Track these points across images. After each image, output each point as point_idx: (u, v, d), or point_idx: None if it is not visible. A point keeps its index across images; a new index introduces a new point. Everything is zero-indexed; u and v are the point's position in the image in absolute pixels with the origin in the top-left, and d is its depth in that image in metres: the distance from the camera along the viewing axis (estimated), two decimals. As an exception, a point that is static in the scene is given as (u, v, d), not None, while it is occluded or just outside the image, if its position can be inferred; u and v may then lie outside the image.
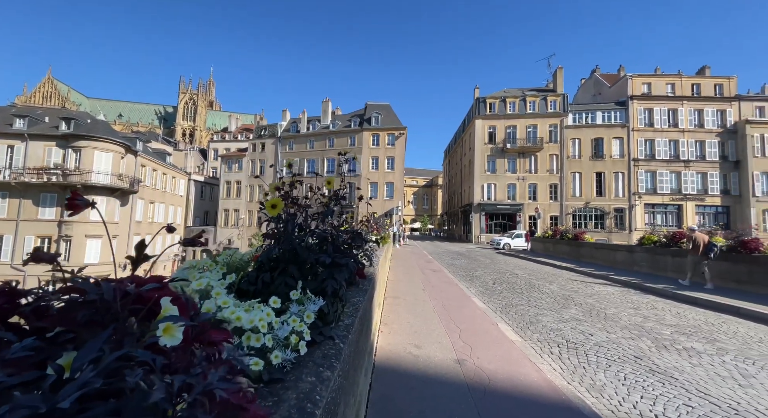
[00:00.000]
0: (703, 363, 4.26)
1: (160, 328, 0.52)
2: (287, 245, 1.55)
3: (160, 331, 0.52)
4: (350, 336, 1.78)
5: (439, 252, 22.37)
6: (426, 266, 13.70)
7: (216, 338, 0.90)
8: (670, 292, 8.75)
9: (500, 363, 3.92)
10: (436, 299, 7.43)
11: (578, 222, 36.28)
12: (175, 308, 0.58)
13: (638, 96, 36.61)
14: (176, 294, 0.69)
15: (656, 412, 3.08)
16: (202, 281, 1.37)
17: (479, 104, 39.43)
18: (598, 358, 4.39)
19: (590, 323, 5.98)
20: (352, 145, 42.49)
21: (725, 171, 35.22)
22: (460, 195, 46.15)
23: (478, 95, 40.58)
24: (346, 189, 2.03)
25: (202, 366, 0.54)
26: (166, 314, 0.55)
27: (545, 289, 9.39)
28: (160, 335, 0.52)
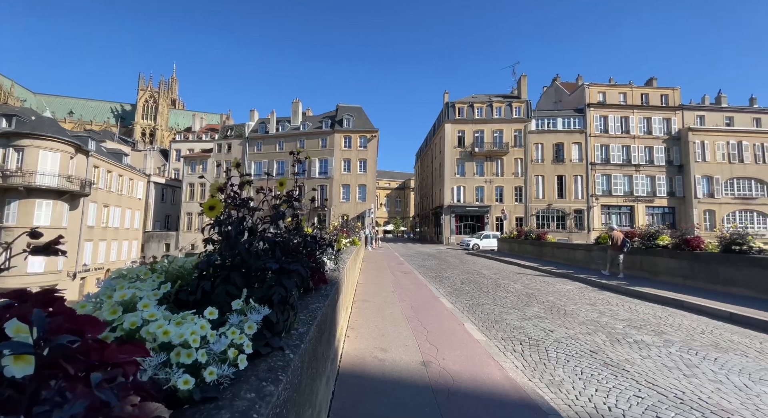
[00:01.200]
0: (652, 355, 4.53)
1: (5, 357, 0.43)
2: (230, 251, 1.45)
3: (7, 360, 0.43)
4: (303, 345, 1.69)
5: (410, 254, 22.54)
6: (397, 268, 13.73)
7: (122, 358, 0.80)
8: (623, 288, 9.32)
9: (465, 364, 3.96)
10: (405, 301, 7.43)
11: (541, 223, 37.98)
12: (26, 331, 0.48)
13: (594, 104, 39.05)
14: (57, 311, 0.59)
15: (609, 404, 3.22)
16: (126, 292, 1.23)
17: (448, 109, 40.36)
18: (557, 354, 4.55)
19: (551, 320, 6.21)
20: (324, 146, 42.02)
21: (671, 175, 38.33)
22: (432, 197, 46.90)
23: (448, 100, 41.53)
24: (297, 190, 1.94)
25: (53, 401, 0.44)
26: (15, 338, 0.46)
27: (510, 288, 9.68)
28: (7, 364, 0.42)
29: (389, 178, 77.53)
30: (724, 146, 37.75)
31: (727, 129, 38.25)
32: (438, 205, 41.61)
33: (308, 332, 1.87)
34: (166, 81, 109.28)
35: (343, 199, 41.14)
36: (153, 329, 1.10)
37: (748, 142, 37.98)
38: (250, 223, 1.67)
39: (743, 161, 37.62)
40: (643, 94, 39.82)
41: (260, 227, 1.73)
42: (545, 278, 12.12)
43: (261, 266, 1.51)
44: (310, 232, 2.93)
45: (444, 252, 24.77)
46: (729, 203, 37.14)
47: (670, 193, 38.17)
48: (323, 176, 41.56)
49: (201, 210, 1.65)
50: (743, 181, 37.62)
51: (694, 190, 37.01)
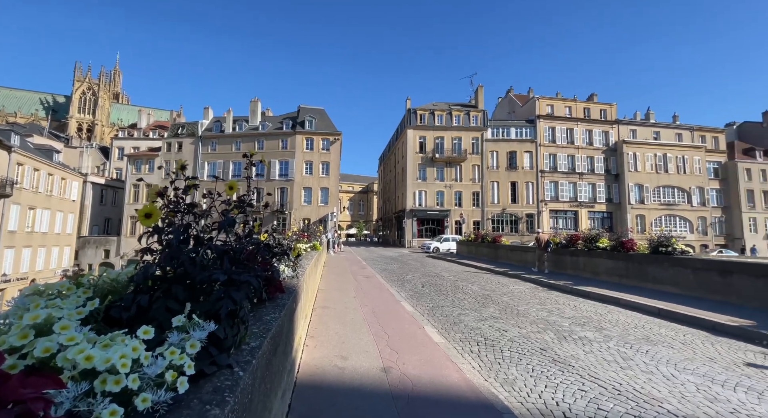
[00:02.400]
0: (594, 350, 4.89)
1: None
2: (171, 262, 1.32)
3: None
4: (255, 361, 1.59)
5: (373, 257, 22.53)
6: (359, 272, 13.64)
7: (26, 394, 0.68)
8: (568, 287, 10.02)
9: (425, 367, 3.99)
10: (366, 305, 7.38)
11: (496, 226, 39.90)
12: None
13: (544, 116, 41.98)
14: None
15: (557, 399, 3.41)
16: (40, 313, 1.07)
17: (411, 115, 41.18)
18: (511, 353, 4.76)
19: (505, 320, 6.50)
20: (284, 148, 40.88)
21: (609, 182, 42.18)
22: (394, 201, 47.39)
23: (410, 106, 42.37)
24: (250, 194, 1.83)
25: None
26: None
27: (468, 289, 10.01)
28: None
29: (353, 182, 77.22)
30: (652, 158, 42.36)
31: (655, 142, 42.97)
32: (400, 209, 42.13)
33: (261, 346, 1.77)
34: (107, 72, 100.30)
35: (304, 202, 40.22)
36: (72, 355, 0.96)
37: (671, 154, 42.94)
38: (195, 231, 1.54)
39: (668, 171, 42.43)
40: (586, 108, 43.53)
41: (208, 234, 1.61)
42: (500, 278, 12.70)
43: (207, 278, 1.40)
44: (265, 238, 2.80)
45: (406, 255, 25.08)
46: (656, 209, 41.64)
47: (608, 200, 41.95)
48: (284, 179, 40.35)
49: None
50: (668, 189, 42.41)
51: (628, 197, 41.04)
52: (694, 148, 43.77)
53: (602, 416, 3.10)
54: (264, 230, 2.41)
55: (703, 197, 42.82)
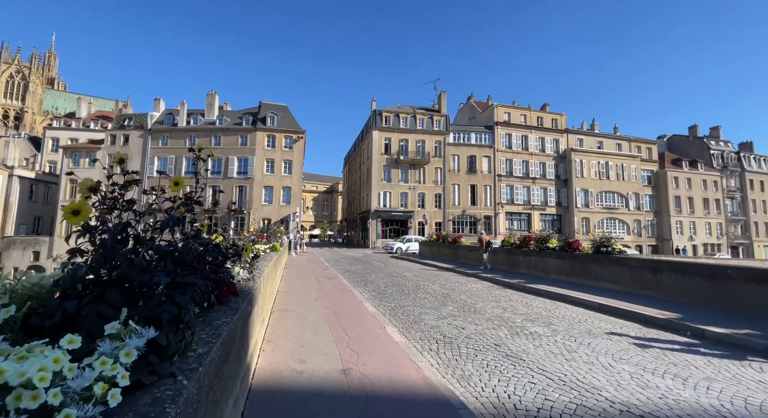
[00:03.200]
0: (542, 344, 5.21)
1: None
2: (103, 264, 1.21)
3: None
4: (202, 368, 1.50)
5: (336, 258, 22.28)
6: (322, 274, 13.42)
7: None
8: (521, 285, 10.60)
9: (384, 367, 4.01)
10: (328, 307, 7.28)
11: (457, 227, 41.25)
12: None
13: (501, 123, 44.16)
14: None
15: (509, 392, 3.58)
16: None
17: (376, 116, 41.36)
18: (467, 349, 4.93)
19: (463, 318, 6.72)
20: (244, 144, 39.20)
21: (558, 187, 45.27)
22: (359, 202, 47.27)
23: (375, 107, 42.56)
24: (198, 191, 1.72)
25: None
26: None
27: (429, 289, 10.23)
28: None
29: (317, 182, 75.89)
30: (596, 165, 46.14)
31: (598, 151, 46.85)
32: (365, 210, 42.11)
33: (210, 352, 1.68)
34: (40, 55, 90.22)
35: (265, 201, 38.83)
36: (-23, 370, 0.85)
37: (612, 162, 47.05)
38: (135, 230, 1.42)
39: (609, 178, 46.44)
40: (539, 117, 46.44)
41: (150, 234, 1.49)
42: (459, 277, 13.13)
43: (148, 281, 1.30)
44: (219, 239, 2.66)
45: (370, 256, 25.09)
46: (599, 212, 45.39)
47: (558, 203, 45.03)
48: (243, 177, 38.66)
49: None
50: (609, 194, 46.40)
51: (575, 201, 44.35)
52: (631, 158, 48.32)
53: (549, 406, 3.31)
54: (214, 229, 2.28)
55: (639, 202, 47.41)
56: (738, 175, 53.70)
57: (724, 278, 7.20)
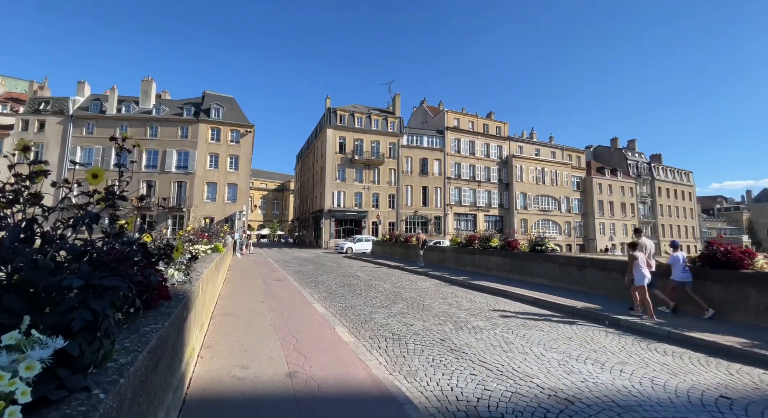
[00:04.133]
0: (484, 337, 5.54)
1: None
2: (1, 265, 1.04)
3: None
4: (123, 380, 1.37)
5: (286, 259, 21.54)
6: (269, 275, 12.88)
7: None
8: (467, 282, 11.17)
9: (332, 368, 3.98)
10: (275, 310, 7.02)
11: (409, 227, 42.21)
12: None
13: (451, 128, 46.13)
14: None
15: (452, 385, 3.75)
16: None
17: (330, 114, 40.78)
18: (415, 345, 5.07)
19: (412, 315, 6.90)
20: (184, 137, 36.25)
21: (501, 190, 48.45)
22: (312, 201, 46.21)
23: (330, 105, 41.94)
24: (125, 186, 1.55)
25: None
26: None
27: (380, 288, 10.34)
28: None
29: (266, 179, 72.62)
30: (534, 171, 50.20)
31: (536, 158, 51.01)
32: (318, 209, 41.29)
33: (134, 361, 1.53)
34: None
35: (207, 199, 36.27)
36: None
37: (548, 168, 51.51)
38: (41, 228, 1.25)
39: (544, 183, 50.77)
40: (485, 124, 49.31)
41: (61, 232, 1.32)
42: (410, 276, 13.45)
43: (56, 284, 1.15)
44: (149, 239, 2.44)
45: (322, 256, 24.64)
46: (536, 214, 49.43)
47: (500, 205, 48.20)
48: (182, 171, 35.72)
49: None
50: (544, 197, 50.72)
51: (515, 203, 47.84)
52: (563, 165, 53.32)
53: (488, 395, 3.53)
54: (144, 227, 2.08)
55: (569, 205, 52.48)
56: (649, 182, 61.91)
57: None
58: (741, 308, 6.32)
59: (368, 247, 29.10)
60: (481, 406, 3.29)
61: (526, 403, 3.36)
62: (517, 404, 3.34)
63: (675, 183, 65.29)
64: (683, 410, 3.28)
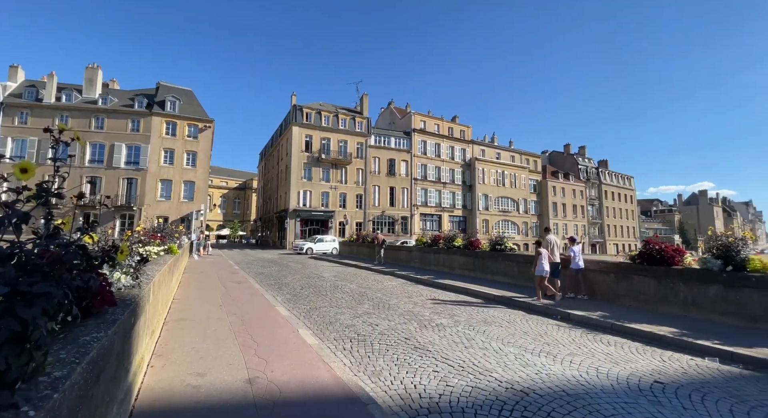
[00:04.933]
0: (446, 335, 5.69)
1: None
2: None
3: None
4: (58, 395, 1.25)
5: (248, 261, 20.73)
6: (229, 278, 12.33)
7: None
8: (431, 281, 11.41)
9: (294, 372, 3.89)
10: (234, 314, 6.72)
11: (377, 227, 42.35)
12: None
13: (418, 130, 46.93)
14: None
15: (415, 382, 3.82)
16: None
17: (296, 111, 39.85)
18: (380, 345, 5.09)
19: (377, 315, 6.93)
20: (135, 130, 33.69)
21: (465, 192, 50.07)
22: (276, 200, 44.86)
23: (296, 102, 41.00)
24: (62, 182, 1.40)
25: None
26: None
27: (346, 288, 10.27)
28: None
29: (227, 177, 69.38)
30: (495, 174, 52.42)
31: (497, 162, 53.30)
32: (283, 209, 40.15)
33: (70, 374, 1.40)
34: None
35: (161, 197, 33.97)
36: None
37: (507, 172, 54.00)
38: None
39: (504, 185, 53.19)
40: (450, 127, 50.72)
41: None
42: (376, 276, 13.50)
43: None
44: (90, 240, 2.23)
45: (286, 258, 23.98)
46: (496, 215, 51.64)
47: (464, 206, 49.80)
48: (133, 167, 33.15)
49: None
50: (504, 199, 53.13)
51: (477, 204, 49.67)
52: (521, 168, 56.18)
53: (449, 391, 3.62)
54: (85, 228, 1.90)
55: (527, 207, 55.39)
56: (597, 186, 66.91)
57: (585, 270, 8.88)
58: (672, 300, 7.03)
59: (329, 247, 28.28)
60: (443, 402, 3.38)
61: (485, 397, 3.50)
62: (476, 398, 3.47)
63: (619, 187, 71.16)
64: (623, 396, 3.58)
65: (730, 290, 6.23)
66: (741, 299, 6.10)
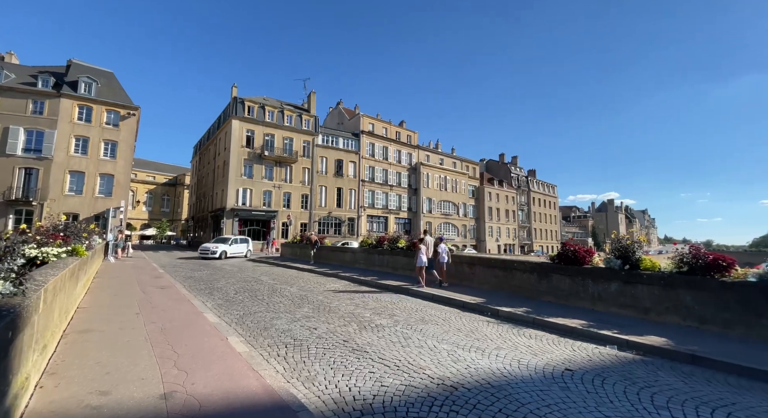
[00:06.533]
0: (385, 335, 5.74)
1: None
2: None
3: None
4: None
5: (176, 264, 18.91)
6: (151, 283, 11.11)
7: None
8: (374, 282, 11.49)
9: (219, 383, 3.60)
10: (154, 322, 6.05)
11: (323, 229, 41.56)
12: None
13: (366, 132, 47.18)
14: None
15: (350, 385, 3.77)
16: None
17: (237, 104, 37.51)
18: (317, 349, 4.96)
19: (317, 318, 6.76)
20: (38, 113, 28.84)
21: (410, 195, 51.50)
22: (212, 198, 41.63)
23: (237, 94, 38.60)
24: None
25: None
26: None
27: (286, 292, 9.87)
28: None
29: (155, 171, 62.64)
30: (438, 178, 54.78)
31: (440, 167, 55.77)
32: (219, 208, 37.37)
33: None
34: None
35: (71, 191, 29.49)
36: None
37: (450, 177, 56.76)
38: None
39: (447, 190, 55.81)
40: (397, 131, 51.86)
41: None
42: (319, 278, 13.19)
43: None
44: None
45: (222, 260, 22.32)
46: (439, 218, 53.95)
47: (409, 209, 51.20)
48: (33, 155, 28.29)
49: None
50: (446, 203, 55.73)
51: (422, 207, 51.43)
52: (462, 174, 59.50)
53: (383, 391, 3.64)
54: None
55: (466, 210, 58.75)
56: (526, 193, 73.41)
57: (512, 270, 9.64)
58: (583, 296, 7.94)
59: (244, 249, 25.36)
60: (376, 402, 3.38)
61: (417, 394, 3.58)
62: (409, 396, 3.53)
63: (545, 194, 78.92)
64: (539, 384, 3.93)
65: (628, 286, 7.23)
66: (635, 293, 7.10)
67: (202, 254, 23.24)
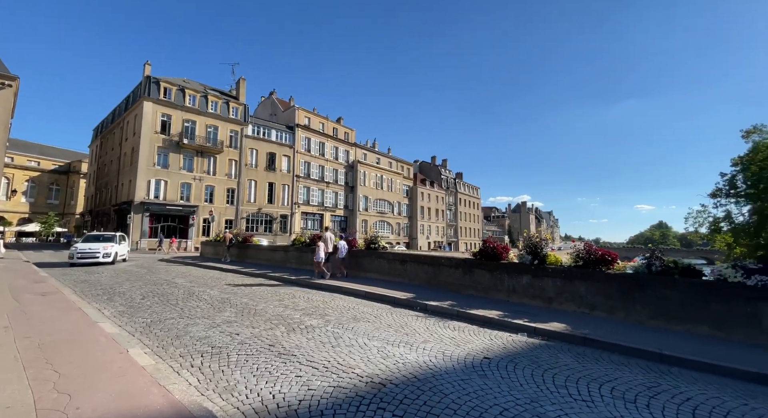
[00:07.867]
0: (315, 336, 5.56)
1: None
2: None
3: None
4: None
5: (65, 266, 15.96)
6: (29, 289, 9.19)
7: None
8: (305, 281, 11.13)
9: (113, 404, 3.09)
10: (29, 337, 4.99)
11: (251, 226, 39.04)
12: None
13: (302, 126, 45.57)
14: None
15: (274, 392, 3.55)
16: None
17: (151, 84, 33.14)
18: (239, 356, 4.58)
19: (240, 323, 6.27)
20: None
21: (347, 192, 51.24)
22: (117, 189, 36.18)
23: (150, 73, 34.08)
24: None
25: None
26: None
27: (205, 295, 9.00)
28: None
29: (40, 155, 52.05)
30: (375, 177, 55.48)
31: (377, 166, 56.54)
32: (126, 201, 32.60)
33: None
34: None
35: None
36: None
37: (386, 176, 57.89)
38: None
39: (382, 188, 56.84)
40: (335, 128, 51.12)
41: None
42: (245, 279, 12.32)
43: None
44: None
45: (129, 260, 19.44)
46: (375, 216, 54.70)
47: (345, 206, 50.92)
48: None
49: None
50: (381, 201, 56.76)
51: (358, 205, 51.59)
52: (397, 174, 61.19)
53: (310, 395, 3.50)
54: None
55: (400, 209, 60.60)
56: (454, 194, 78.48)
57: (440, 266, 10.16)
58: (500, 288, 8.71)
59: (124, 249, 19.03)
60: (302, 407, 3.23)
61: (345, 395, 3.51)
62: (337, 397, 3.45)
63: (470, 196, 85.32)
64: (461, 374, 4.17)
65: (536, 279, 8.13)
66: (542, 285, 8.02)
67: (82, 258, 15.68)
